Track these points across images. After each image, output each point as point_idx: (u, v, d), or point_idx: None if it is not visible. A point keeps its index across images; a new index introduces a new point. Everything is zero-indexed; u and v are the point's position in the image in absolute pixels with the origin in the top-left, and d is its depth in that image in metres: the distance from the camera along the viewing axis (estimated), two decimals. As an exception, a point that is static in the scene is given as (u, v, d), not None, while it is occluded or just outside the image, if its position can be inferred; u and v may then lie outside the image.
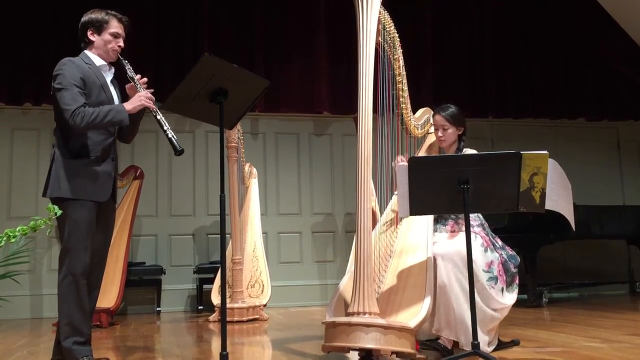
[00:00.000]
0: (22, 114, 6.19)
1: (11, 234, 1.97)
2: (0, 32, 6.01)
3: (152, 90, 3.04)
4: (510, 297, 3.12)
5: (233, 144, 5.31)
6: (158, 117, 2.94)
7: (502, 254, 3.16)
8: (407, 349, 2.64)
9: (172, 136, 2.90)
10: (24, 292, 5.78)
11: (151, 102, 2.96)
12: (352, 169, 2.92)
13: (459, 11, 7.23)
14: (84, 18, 3.02)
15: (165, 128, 2.92)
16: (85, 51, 3.02)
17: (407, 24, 6.77)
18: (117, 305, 5.09)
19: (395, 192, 3.25)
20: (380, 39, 3.18)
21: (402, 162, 3.36)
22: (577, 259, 7.09)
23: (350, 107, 6.25)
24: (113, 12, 3.04)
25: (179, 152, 2.88)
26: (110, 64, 3.06)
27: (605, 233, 6.14)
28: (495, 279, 3.07)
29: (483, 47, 7.23)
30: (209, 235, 6.46)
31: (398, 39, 3.30)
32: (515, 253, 3.25)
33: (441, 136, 3.34)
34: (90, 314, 2.98)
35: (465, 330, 2.95)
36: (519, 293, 3.25)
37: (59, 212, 2.17)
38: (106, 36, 2.99)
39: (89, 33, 3.00)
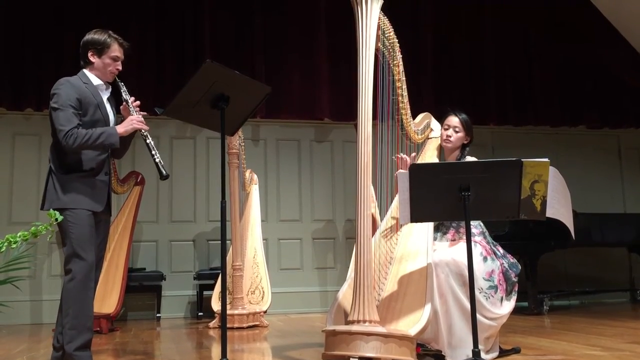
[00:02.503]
0: (23, 119, 6.21)
1: (12, 240, 1.97)
2: (1, 37, 6.03)
3: (145, 113, 3.14)
4: (508, 306, 3.11)
5: (234, 150, 5.31)
6: (147, 141, 3.05)
7: (503, 263, 3.15)
8: (408, 357, 2.63)
9: (159, 161, 3.01)
10: (24, 298, 5.77)
11: (142, 125, 3.05)
12: (353, 175, 2.93)
13: (460, 18, 7.25)
14: (87, 37, 3.09)
15: (153, 152, 3.03)
16: (84, 70, 3.10)
17: (408, 31, 6.78)
18: (117, 311, 5.08)
19: (396, 198, 3.25)
20: (379, 44, 3.19)
21: (402, 158, 3.38)
22: (578, 266, 7.08)
23: (351, 113, 6.25)
24: (115, 35, 3.11)
25: (164, 177, 2.99)
26: (107, 82, 3.15)
27: (606, 241, 6.13)
28: (495, 287, 3.07)
29: (484, 53, 7.25)
30: (210, 242, 6.45)
31: (397, 45, 3.30)
32: (516, 261, 3.25)
33: (450, 136, 3.35)
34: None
35: (455, 341, 2.95)
36: (520, 300, 3.24)
37: (60, 218, 2.17)
38: (106, 60, 3.07)
39: (89, 54, 3.07)
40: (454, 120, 3.36)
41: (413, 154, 3.48)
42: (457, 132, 3.35)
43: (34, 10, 6.10)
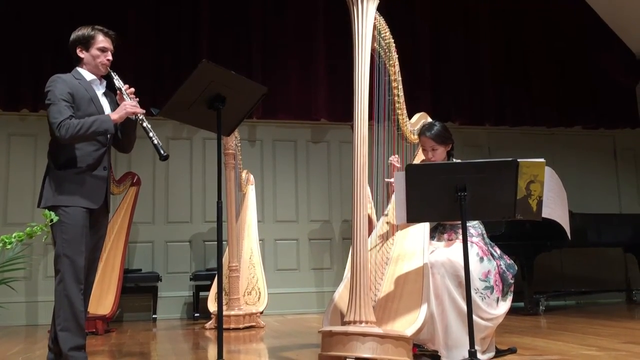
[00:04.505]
0: (19, 120, 6.19)
1: (7, 241, 1.96)
2: (-3, 38, 6.02)
3: (138, 99, 3.09)
4: (504, 307, 3.11)
5: (230, 151, 5.31)
6: (144, 124, 3.01)
7: (500, 264, 3.15)
8: (404, 357, 2.63)
9: (158, 142, 2.96)
10: (19, 299, 5.75)
11: (136, 109, 3.01)
12: (349, 176, 2.92)
13: (457, 19, 7.26)
14: (72, 36, 3.10)
15: (150, 134, 2.97)
16: (77, 68, 3.10)
17: (404, 31, 6.79)
18: (113, 312, 5.07)
19: (393, 198, 3.25)
20: (375, 44, 3.19)
21: (396, 161, 3.38)
22: (574, 266, 7.09)
23: (347, 114, 6.19)
24: (99, 27, 3.11)
25: (163, 158, 2.94)
26: (102, 77, 3.14)
27: (602, 241, 6.14)
28: (491, 288, 3.07)
29: (480, 54, 7.26)
30: (206, 242, 6.44)
31: (394, 45, 3.30)
32: (513, 262, 3.25)
33: (431, 157, 3.31)
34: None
35: (451, 342, 2.95)
36: (516, 301, 3.24)
37: (56, 219, 2.17)
38: (94, 51, 3.07)
39: (78, 50, 3.09)
40: (426, 140, 3.29)
41: (396, 156, 3.46)
42: (435, 149, 3.29)
43: (30, 10, 6.09)
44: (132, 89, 3.11)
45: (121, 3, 6.30)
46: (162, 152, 2.93)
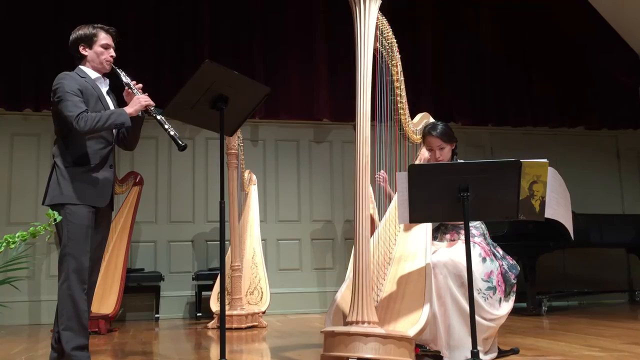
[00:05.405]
0: (22, 120, 6.20)
1: (11, 240, 1.96)
2: None
3: (148, 93, 3.11)
4: (506, 307, 3.11)
5: (233, 151, 5.31)
6: (158, 117, 3.03)
7: (502, 264, 3.15)
8: (406, 358, 2.63)
9: (174, 134, 2.99)
10: (22, 298, 5.76)
11: (149, 102, 3.04)
12: (352, 176, 2.93)
13: (459, 19, 7.26)
14: (73, 35, 3.11)
15: (166, 127, 3.01)
16: (80, 66, 3.11)
17: (407, 32, 6.80)
18: (116, 311, 5.08)
19: (395, 198, 3.25)
20: (378, 44, 3.19)
21: (381, 177, 3.39)
22: (577, 267, 7.08)
23: (350, 114, 6.21)
24: (99, 25, 3.12)
25: (182, 148, 2.97)
26: (105, 75, 3.15)
27: (605, 242, 6.13)
28: (493, 288, 3.07)
29: (482, 55, 7.25)
30: (208, 242, 6.45)
31: (396, 45, 3.30)
32: (515, 262, 3.24)
33: (439, 157, 3.30)
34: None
35: (454, 342, 2.95)
36: (519, 301, 3.24)
37: (59, 218, 2.17)
38: (98, 48, 3.08)
39: (80, 48, 3.09)
40: (433, 140, 3.29)
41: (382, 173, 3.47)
42: (442, 148, 3.29)
43: (31, 9, 6.10)
44: (140, 85, 3.14)
45: (121, 3, 6.31)
46: (180, 142, 2.96)
